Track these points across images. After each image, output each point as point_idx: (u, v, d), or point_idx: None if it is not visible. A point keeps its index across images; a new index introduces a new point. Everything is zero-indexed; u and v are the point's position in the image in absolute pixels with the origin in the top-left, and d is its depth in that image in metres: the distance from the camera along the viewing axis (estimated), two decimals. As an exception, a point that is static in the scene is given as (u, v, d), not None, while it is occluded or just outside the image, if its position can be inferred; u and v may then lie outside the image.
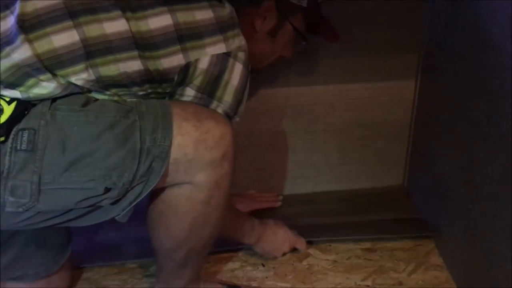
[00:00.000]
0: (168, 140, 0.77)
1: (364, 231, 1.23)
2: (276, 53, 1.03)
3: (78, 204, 0.78)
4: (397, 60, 1.25)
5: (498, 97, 0.88)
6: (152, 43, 0.80)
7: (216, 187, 0.83)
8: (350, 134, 1.34)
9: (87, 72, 0.78)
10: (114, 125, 0.76)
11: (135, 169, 0.76)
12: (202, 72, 0.82)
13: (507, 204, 0.86)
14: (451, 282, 1.10)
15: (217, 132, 0.80)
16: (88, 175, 0.75)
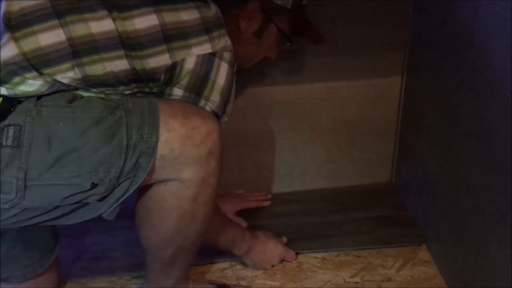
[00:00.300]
0: (154, 136, 0.77)
1: (353, 240, 1.23)
2: (261, 54, 1.04)
3: (64, 200, 0.77)
4: (382, 58, 1.26)
5: (481, 94, 0.89)
6: (138, 43, 0.80)
7: (203, 184, 0.83)
8: (337, 132, 1.34)
9: (73, 71, 0.78)
10: (100, 121, 0.76)
11: (121, 165, 0.76)
12: (188, 72, 0.83)
13: (493, 199, 0.87)
14: (439, 277, 1.11)
15: (204, 128, 0.80)
16: (74, 171, 0.75)
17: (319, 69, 1.25)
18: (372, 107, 1.32)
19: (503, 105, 0.81)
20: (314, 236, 1.24)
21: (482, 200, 0.91)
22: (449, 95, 1.02)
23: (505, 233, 0.84)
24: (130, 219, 1.19)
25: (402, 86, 1.30)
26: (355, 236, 1.24)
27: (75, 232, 1.26)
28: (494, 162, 0.86)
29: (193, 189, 0.83)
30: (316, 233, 1.25)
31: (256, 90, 1.26)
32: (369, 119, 1.34)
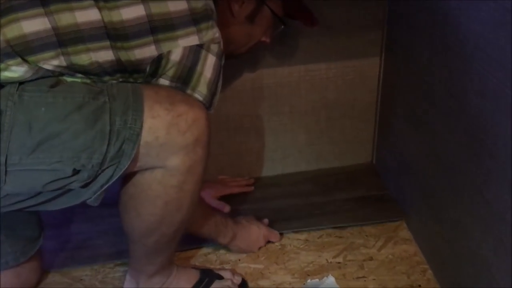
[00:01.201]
0: (139, 122, 0.76)
1: (335, 219, 1.24)
2: (255, 38, 1.03)
3: (46, 186, 0.77)
4: (360, 39, 1.26)
5: (455, 72, 0.89)
6: (124, 33, 0.79)
7: (189, 172, 0.83)
8: (316, 114, 1.35)
9: (58, 59, 0.77)
10: (82, 106, 0.75)
11: (104, 151, 0.75)
12: (174, 64, 0.82)
13: (468, 176, 0.88)
14: (420, 255, 1.13)
15: (190, 116, 0.79)
16: (56, 157, 0.74)
17: (296, 52, 1.25)
18: (351, 89, 1.32)
19: (476, 82, 0.82)
20: (296, 217, 1.25)
21: (457, 177, 0.93)
22: (425, 74, 1.02)
23: (481, 209, 0.85)
24: (113, 207, 1.19)
25: (381, 66, 1.30)
26: (336, 215, 1.25)
27: (57, 222, 1.26)
28: (469, 139, 0.87)
29: (179, 177, 0.82)
30: (298, 215, 1.26)
31: (235, 74, 1.25)
32: (349, 101, 1.34)
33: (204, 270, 1.08)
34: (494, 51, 0.77)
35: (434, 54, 0.97)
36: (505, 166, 0.77)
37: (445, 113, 0.95)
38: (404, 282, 1.06)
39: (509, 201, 0.77)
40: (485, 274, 0.86)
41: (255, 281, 1.09)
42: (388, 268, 1.10)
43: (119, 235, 1.18)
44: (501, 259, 0.81)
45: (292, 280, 1.09)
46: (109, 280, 1.11)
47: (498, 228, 0.81)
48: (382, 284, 1.06)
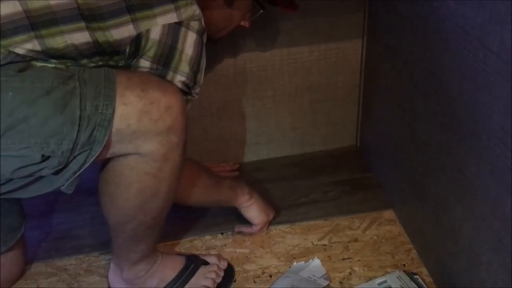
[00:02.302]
0: (110, 108, 0.75)
1: (320, 210, 1.23)
2: (234, 22, 1.01)
3: (15, 173, 0.75)
4: (342, 21, 1.25)
5: (436, 51, 0.89)
6: (99, 13, 0.78)
7: (164, 160, 0.81)
8: (299, 98, 1.34)
9: (31, 42, 0.76)
10: (51, 91, 0.73)
11: (74, 137, 0.74)
12: (154, 43, 0.80)
13: (450, 156, 0.89)
14: (404, 235, 1.14)
15: (163, 103, 0.78)
16: (23, 142, 0.72)
17: (279, 36, 1.24)
18: (334, 72, 1.32)
19: (456, 61, 0.82)
20: (282, 206, 1.24)
21: (439, 157, 0.93)
22: (406, 55, 1.02)
23: (463, 188, 0.86)
24: (94, 197, 1.18)
25: (363, 49, 1.30)
26: (322, 205, 1.24)
27: (40, 212, 1.25)
28: (450, 118, 0.87)
29: (153, 164, 0.81)
30: (284, 203, 1.25)
31: (217, 59, 1.24)
32: (332, 84, 1.34)
33: (190, 256, 1.08)
34: (473, 29, 0.76)
35: (415, 35, 0.97)
36: (485, 144, 0.77)
37: (426, 93, 0.95)
38: (388, 262, 1.07)
39: (490, 179, 0.77)
40: (467, 251, 0.87)
41: (241, 266, 1.09)
42: (373, 249, 1.11)
43: (103, 225, 1.17)
44: (482, 237, 0.81)
45: (278, 263, 1.09)
46: (94, 269, 1.11)
47: (479, 207, 0.81)
48: (367, 265, 1.07)
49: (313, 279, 1.04)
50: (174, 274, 1.02)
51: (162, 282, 1.01)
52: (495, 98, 0.73)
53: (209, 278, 1.03)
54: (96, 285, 1.07)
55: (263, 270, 1.08)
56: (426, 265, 1.05)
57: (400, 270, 1.04)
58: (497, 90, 0.72)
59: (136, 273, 0.99)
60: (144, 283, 1.00)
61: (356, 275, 1.05)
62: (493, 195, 0.77)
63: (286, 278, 1.04)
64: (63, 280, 1.08)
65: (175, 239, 1.16)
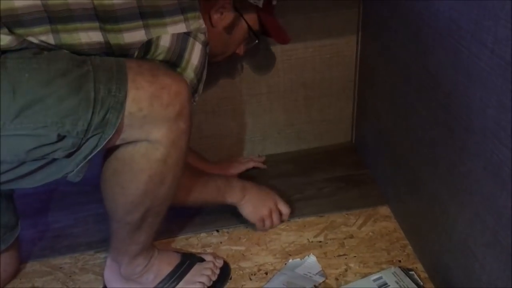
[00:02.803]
0: (123, 91, 0.76)
1: (315, 206, 1.23)
2: (231, 49, 1.07)
3: (30, 153, 0.75)
4: (336, 17, 1.25)
5: (429, 46, 0.89)
6: (114, 16, 0.80)
7: (172, 146, 0.83)
8: (294, 94, 1.34)
9: (46, 35, 0.77)
10: (66, 73, 0.74)
11: (89, 118, 0.75)
12: (164, 50, 0.84)
13: (444, 150, 0.89)
14: (399, 231, 1.14)
15: (173, 88, 0.79)
16: (40, 121, 0.73)
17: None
18: (329, 68, 1.32)
19: (450, 56, 0.82)
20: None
21: (434, 152, 0.93)
22: (401, 50, 1.02)
23: (457, 183, 0.86)
24: (90, 194, 1.18)
25: (358, 44, 1.29)
26: (316, 201, 1.24)
27: (35, 210, 1.25)
28: (444, 113, 0.87)
29: (163, 150, 0.82)
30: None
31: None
32: (327, 80, 1.34)
33: (185, 253, 1.08)
34: (467, 24, 0.76)
35: (409, 29, 0.97)
36: (479, 139, 0.77)
37: (420, 88, 0.95)
38: (384, 258, 1.07)
39: (484, 174, 0.77)
40: (462, 247, 0.87)
41: (237, 263, 1.09)
42: (368, 245, 1.11)
43: (97, 223, 1.19)
44: (477, 232, 0.81)
45: (274, 260, 1.09)
46: (89, 267, 1.10)
47: (473, 202, 0.81)
48: (362, 261, 1.07)
49: (309, 275, 1.04)
50: (170, 269, 1.02)
51: (158, 277, 1.01)
52: (489, 93, 0.73)
53: (204, 275, 1.03)
54: (91, 283, 1.07)
55: (259, 267, 1.08)
56: (422, 261, 1.05)
57: (395, 266, 1.04)
58: (491, 85, 0.72)
59: (134, 268, 0.99)
60: (140, 278, 1.00)
61: (351, 271, 1.05)
62: (487, 190, 0.77)
63: (282, 275, 1.04)
64: (58, 279, 1.08)
65: (169, 236, 1.16)
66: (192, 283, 1.02)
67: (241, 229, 1.18)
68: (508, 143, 0.70)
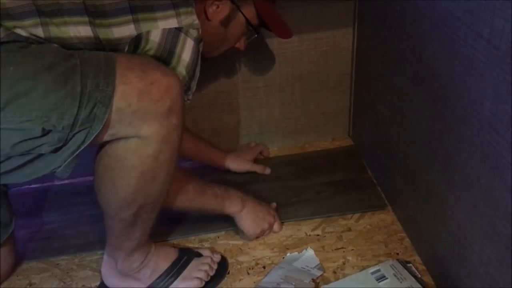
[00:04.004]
0: (111, 86, 0.75)
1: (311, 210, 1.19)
2: (228, 43, 1.04)
3: (15, 147, 0.74)
4: (332, 10, 1.24)
5: (425, 37, 0.88)
6: (103, 10, 0.79)
7: (164, 142, 0.81)
8: (291, 88, 1.34)
9: (36, 28, 0.77)
10: (53, 66, 0.73)
11: (75, 113, 0.74)
12: (154, 45, 0.82)
13: (441, 142, 0.88)
14: (397, 224, 1.14)
15: (163, 83, 0.78)
16: (25, 115, 0.72)
17: (268, 25, 1.23)
18: (325, 61, 1.31)
19: (447, 47, 0.81)
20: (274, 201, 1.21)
21: (431, 144, 0.93)
22: (397, 42, 1.02)
23: (455, 175, 0.85)
24: (84, 195, 1.17)
25: (354, 37, 1.29)
26: (315, 203, 1.21)
27: (27, 210, 1.24)
28: (441, 105, 0.86)
29: (154, 146, 0.81)
30: (277, 201, 1.21)
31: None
32: (323, 73, 1.33)
33: (183, 249, 1.08)
34: (463, 14, 0.76)
35: (405, 21, 0.96)
36: (476, 131, 0.77)
37: (416, 80, 0.94)
38: (382, 251, 1.07)
39: (481, 165, 0.77)
40: (460, 239, 0.87)
41: (235, 257, 1.09)
42: (366, 238, 1.11)
43: (90, 224, 1.18)
44: (474, 224, 0.81)
45: (272, 254, 1.09)
46: (86, 264, 1.10)
47: (471, 194, 0.81)
48: (360, 254, 1.07)
49: (307, 269, 1.04)
50: (167, 264, 1.02)
51: (155, 273, 1.00)
52: (486, 84, 0.72)
53: (202, 270, 1.02)
54: (88, 279, 1.06)
55: (257, 261, 1.08)
56: (419, 253, 1.05)
57: (393, 259, 1.03)
58: (487, 76, 0.72)
59: (131, 263, 0.98)
60: (137, 274, 0.99)
61: (349, 264, 1.05)
62: (484, 182, 0.77)
63: (280, 269, 1.04)
64: (56, 275, 1.08)
65: (165, 239, 1.14)
66: (190, 278, 1.01)
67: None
68: (504, 134, 0.70)
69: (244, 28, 1.03)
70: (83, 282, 1.06)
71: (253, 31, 1.05)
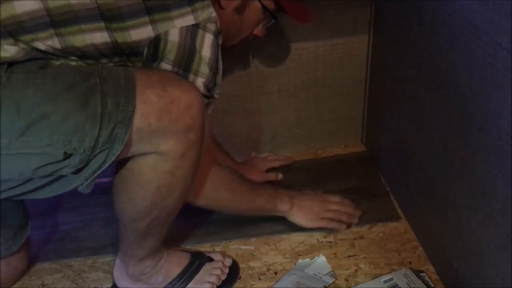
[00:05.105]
0: (131, 105, 0.74)
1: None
2: (245, 31, 1.01)
3: (36, 171, 0.74)
4: (348, 16, 1.24)
5: (444, 45, 0.88)
6: (119, 14, 0.78)
7: (181, 158, 0.81)
8: (305, 93, 1.33)
9: (52, 40, 0.76)
10: (72, 87, 0.73)
11: (96, 135, 0.73)
12: (174, 45, 0.81)
13: (457, 152, 0.88)
14: (410, 232, 1.13)
15: (183, 101, 0.77)
16: (46, 139, 0.72)
17: (284, 30, 1.23)
18: (340, 67, 1.31)
19: (465, 56, 0.81)
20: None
21: (446, 153, 0.92)
22: (413, 49, 1.01)
23: (471, 185, 0.84)
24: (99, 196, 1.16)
25: (369, 43, 1.28)
26: None
27: (41, 211, 1.24)
28: (458, 114, 0.85)
29: (171, 163, 0.81)
30: None
31: (222, 54, 1.23)
32: (338, 79, 1.33)
33: (195, 253, 1.07)
34: (482, 23, 0.75)
35: (423, 29, 0.96)
36: (493, 140, 0.76)
37: (434, 88, 0.94)
38: (395, 259, 1.06)
39: (499, 175, 0.76)
40: (475, 249, 0.86)
41: (246, 262, 1.09)
42: (378, 246, 1.10)
43: (104, 227, 1.19)
44: (490, 233, 0.80)
45: (283, 260, 1.09)
46: (98, 265, 1.10)
47: (487, 203, 0.80)
48: (373, 262, 1.06)
49: (319, 276, 1.03)
50: (179, 270, 1.02)
51: (167, 278, 1.01)
52: (505, 93, 0.72)
53: (214, 274, 1.02)
54: (100, 281, 1.07)
55: (268, 267, 1.08)
56: (433, 262, 1.04)
57: (406, 267, 1.03)
58: (507, 85, 0.71)
59: (142, 269, 0.98)
60: (149, 279, 1.00)
61: (362, 272, 1.04)
62: (501, 192, 0.76)
63: (292, 275, 1.04)
64: (68, 276, 1.08)
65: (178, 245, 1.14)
66: (202, 283, 1.01)
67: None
68: (524, 144, 0.69)
69: (260, 14, 1.00)
70: (95, 284, 1.06)
71: (270, 17, 1.01)
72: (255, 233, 1.15)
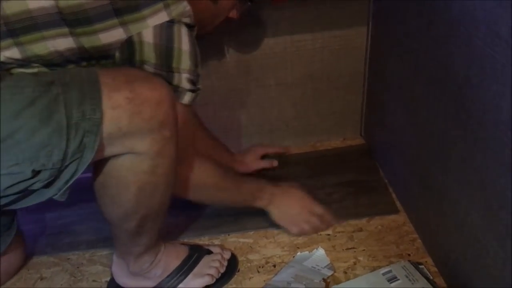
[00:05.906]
0: (98, 112, 0.70)
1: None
2: (221, 16, 0.98)
3: (6, 191, 0.72)
4: (347, 8, 1.23)
5: (443, 38, 0.87)
6: (85, 17, 0.75)
7: (159, 156, 0.79)
8: (303, 86, 1.33)
9: (11, 50, 0.73)
10: (34, 101, 0.68)
11: (64, 146, 0.70)
12: (150, 47, 0.78)
13: (455, 145, 0.87)
14: (409, 224, 1.13)
15: (154, 100, 0.74)
16: (12, 159, 0.69)
17: (281, 23, 1.22)
18: (338, 59, 1.30)
19: (463, 47, 0.80)
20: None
21: (445, 146, 0.92)
22: (412, 42, 1.01)
23: (469, 178, 0.84)
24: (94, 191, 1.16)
25: (368, 36, 1.28)
26: (325, 207, 1.16)
27: (38, 205, 1.21)
28: (456, 107, 0.85)
29: (149, 162, 0.78)
30: None
31: (219, 47, 1.23)
32: (336, 72, 1.32)
33: (193, 246, 1.07)
34: (482, 14, 0.75)
35: (421, 21, 0.95)
36: (492, 133, 0.76)
37: (432, 80, 0.93)
38: (393, 252, 1.06)
39: (496, 168, 0.76)
40: (473, 241, 0.86)
41: (245, 255, 1.09)
42: (377, 239, 1.10)
43: (101, 220, 1.15)
44: (488, 226, 0.80)
45: (282, 253, 1.09)
46: (96, 259, 1.10)
47: (485, 196, 0.80)
48: (371, 255, 1.06)
49: (317, 269, 1.03)
50: (178, 263, 1.01)
51: (166, 271, 1.00)
52: (504, 86, 0.71)
53: (213, 267, 1.02)
54: (99, 274, 1.07)
55: (267, 260, 1.08)
56: (431, 255, 1.04)
57: (405, 260, 1.03)
58: (505, 77, 0.71)
59: (141, 265, 0.98)
60: (148, 273, 1.00)
61: (360, 265, 1.04)
62: (500, 185, 0.76)
63: (290, 268, 1.04)
64: (66, 270, 1.08)
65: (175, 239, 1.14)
66: (201, 275, 1.01)
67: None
68: (522, 136, 0.69)
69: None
70: (93, 277, 1.06)
71: (245, 0, 0.98)
72: (254, 226, 1.15)
